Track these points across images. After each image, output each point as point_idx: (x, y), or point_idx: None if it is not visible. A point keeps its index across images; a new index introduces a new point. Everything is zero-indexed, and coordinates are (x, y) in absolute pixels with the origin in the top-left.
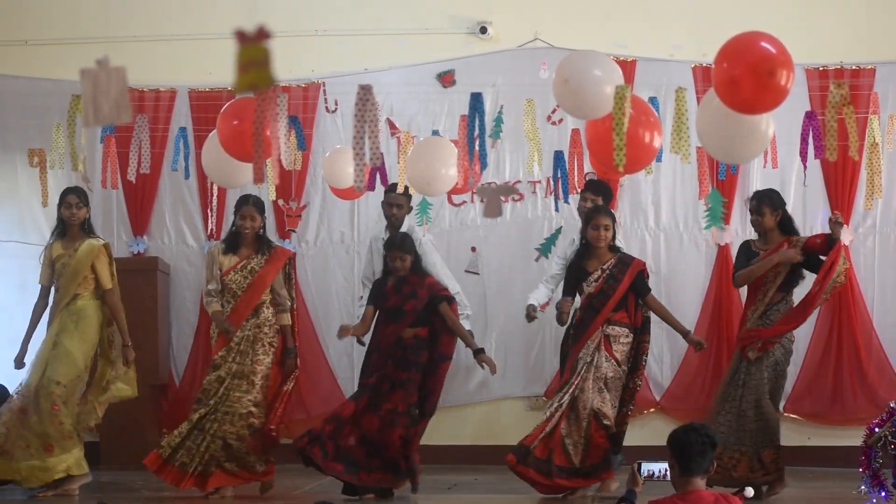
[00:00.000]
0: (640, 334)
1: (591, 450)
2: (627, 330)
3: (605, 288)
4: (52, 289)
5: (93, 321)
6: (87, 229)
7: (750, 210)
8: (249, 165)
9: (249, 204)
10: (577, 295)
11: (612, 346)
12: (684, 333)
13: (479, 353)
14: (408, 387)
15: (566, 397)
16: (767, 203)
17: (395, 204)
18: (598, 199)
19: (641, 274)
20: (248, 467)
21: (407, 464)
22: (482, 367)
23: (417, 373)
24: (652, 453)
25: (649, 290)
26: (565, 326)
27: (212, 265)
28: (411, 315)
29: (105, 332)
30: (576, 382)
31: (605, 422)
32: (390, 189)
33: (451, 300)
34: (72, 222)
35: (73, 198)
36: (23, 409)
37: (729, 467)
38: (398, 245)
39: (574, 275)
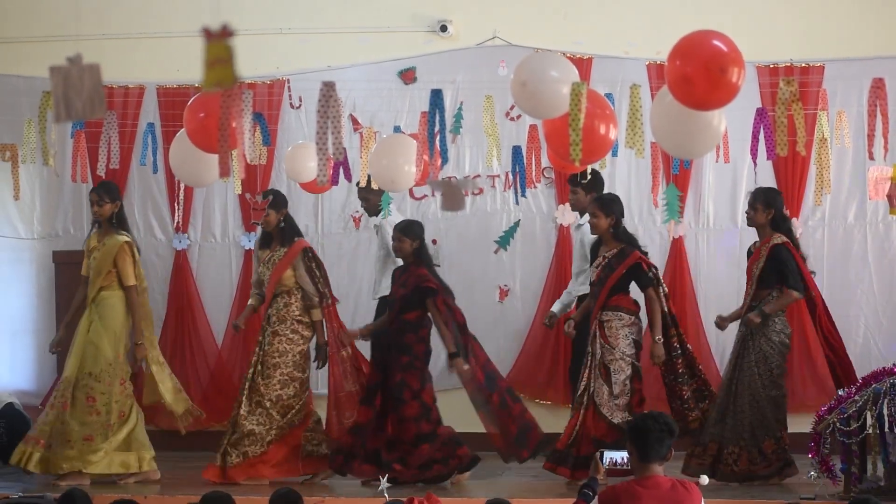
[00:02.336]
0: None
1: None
2: (623, 313)
3: (603, 276)
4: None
5: (116, 311)
6: (116, 223)
7: (748, 203)
8: (216, 166)
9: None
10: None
11: (606, 331)
12: (654, 338)
13: (453, 356)
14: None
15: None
16: (761, 200)
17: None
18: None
19: (638, 266)
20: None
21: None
22: (450, 370)
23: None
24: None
25: (649, 283)
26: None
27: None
28: (399, 302)
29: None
30: (585, 374)
31: (604, 411)
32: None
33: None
34: (97, 218)
35: (93, 195)
36: (63, 403)
37: (730, 462)
38: (401, 227)
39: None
